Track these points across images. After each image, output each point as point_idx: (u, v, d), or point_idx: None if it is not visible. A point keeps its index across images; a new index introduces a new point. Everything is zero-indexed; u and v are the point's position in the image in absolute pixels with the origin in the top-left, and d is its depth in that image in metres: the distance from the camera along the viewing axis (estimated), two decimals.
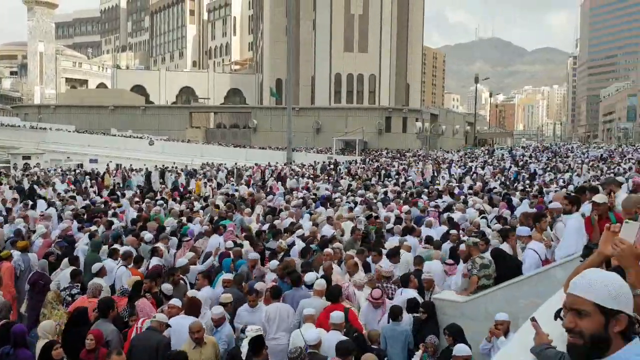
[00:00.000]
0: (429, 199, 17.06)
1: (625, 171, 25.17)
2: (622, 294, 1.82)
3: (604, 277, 1.87)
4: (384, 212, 14.59)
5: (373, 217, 13.47)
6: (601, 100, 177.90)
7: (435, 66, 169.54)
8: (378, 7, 72.36)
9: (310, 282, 7.78)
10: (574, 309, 1.87)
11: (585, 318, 1.84)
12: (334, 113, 66.99)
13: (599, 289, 1.82)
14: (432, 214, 13.45)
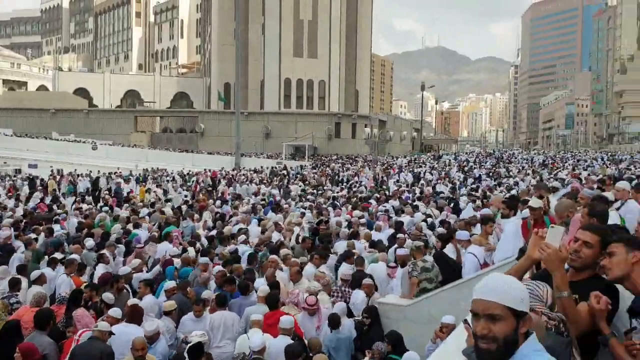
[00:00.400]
0: (378, 203, 17.27)
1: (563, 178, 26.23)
2: (526, 297, 1.91)
3: (510, 281, 1.93)
4: (333, 217, 14.65)
5: (323, 222, 13.51)
6: (541, 108, 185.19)
7: (383, 73, 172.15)
8: (327, 13, 72.97)
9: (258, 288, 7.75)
10: (488, 314, 1.89)
11: (499, 322, 1.86)
12: (284, 118, 66.83)
13: (509, 293, 1.86)
14: (382, 218, 13.60)
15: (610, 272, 2.78)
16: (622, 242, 2.81)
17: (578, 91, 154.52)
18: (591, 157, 48.84)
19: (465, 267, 7.75)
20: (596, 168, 31.97)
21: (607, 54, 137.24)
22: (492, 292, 1.89)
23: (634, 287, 2.74)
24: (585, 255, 2.87)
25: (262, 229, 13.23)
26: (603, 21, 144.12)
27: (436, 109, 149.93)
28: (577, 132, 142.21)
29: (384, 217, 13.70)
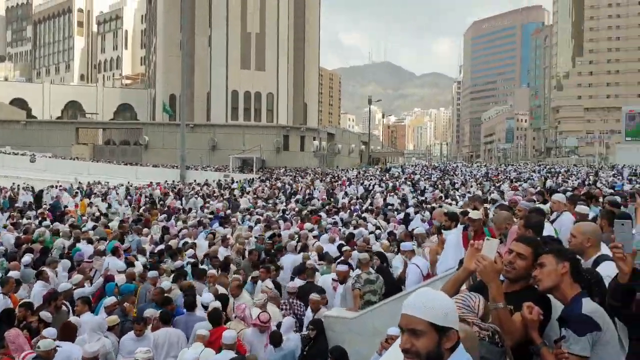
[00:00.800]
0: (328, 215, 17.35)
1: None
2: (450, 312, 1.90)
3: (435, 296, 1.92)
4: (283, 230, 14.63)
5: (276, 235, 13.45)
6: (482, 123, 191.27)
7: (331, 87, 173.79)
8: (275, 26, 73.14)
9: (207, 304, 7.58)
10: (410, 329, 1.90)
11: (421, 337, 1.87)
12: (231, 130, 66.29)
13: (432, 309, 1.86)
14: (333, 230, 13.62)
15: (541, 283, 2.84)
16: (552, 253, 2.88)
17: (517, 106, 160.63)
18: (530, 169, 50.75)
19: (408, 278, 7.85)
20: (535, 180, 33.23)
21: (544, 71, 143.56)
22: (415, 308, 1.89)
23: (564, 297, 2.82)
24: (519, 266, 2.93)
25: (209, 243, 13.05)
26: (540, 40, 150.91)
27: (383, 123, 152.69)
28: (517, 146, 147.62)
29: (334, 230, 13.73)
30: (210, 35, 72.52)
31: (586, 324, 2.61)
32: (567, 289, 2.82)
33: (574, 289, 2.83)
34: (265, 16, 72.85)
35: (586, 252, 3.87)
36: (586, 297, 2.77)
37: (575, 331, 2.61)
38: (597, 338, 2.61)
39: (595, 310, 2.69)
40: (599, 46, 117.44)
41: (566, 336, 2.65)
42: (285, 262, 10.76)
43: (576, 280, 2.85)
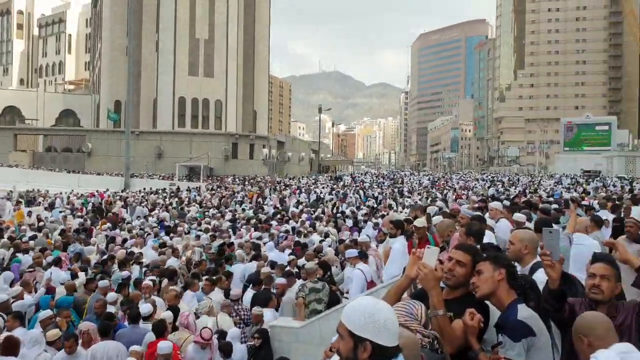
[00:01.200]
0: (279, 224, 17.31)
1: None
2: (371, 324, 1.93)
3: (362, 306, 1.98)
4: (235, 239, 14.56)
5: (226, 245, 13.33)
6: (429, 132, 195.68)
7: (281, 95, 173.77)
8: (224, 33, 72.49)
9: (145, 314, 7.34)
10: (338, 331, 2.01)
11: (342, 341, 1.98)
12: (178, 138, 65.23)
13: (352, 317, 1.95)
14: (290, 239, 13.72)
15: (479, 290, 2.90)
16: (488, 260, 2.95)
17: (462, 117, 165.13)
18: (473, 178, 52.21)
19: (352, 284, 7.92)
20: (479, 189, 34.19)
21: (488, 83, 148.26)
22: (344, 313, 2.01)
23: (500, 303, 2.88)
24: (458, 273, 2.98)
25: (159, 253, 12.86)
26: (484, 52, 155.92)
27: (333, 131, 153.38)
28: (461, 155, 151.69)
29: (291, 238, 13.82)
30: (158, 41, 71.19)
31: (521, 329, 2.67)
32: (503, 296, 2.88)
33: (510, 295, 2.89)
34: (214, 22, 72.12)
35: (523, 258, 3.98)
36: (521, 304, 2.84)
37: (511, 337, 2.67)
38: (532, 343, 2.67)
39: (529, 316, 2.75)
40: (539, 60, 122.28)
41: (503, 342, 2.70)
42: (234, 272, 10.63)
43: (512, 286, 2.92)
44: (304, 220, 18.20)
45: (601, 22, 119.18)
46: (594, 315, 2.74)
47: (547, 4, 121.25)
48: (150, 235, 15.95)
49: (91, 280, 9.33)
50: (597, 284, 3.12)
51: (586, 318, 2.71)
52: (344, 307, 2.05)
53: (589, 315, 2.74)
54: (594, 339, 2.55)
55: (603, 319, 2.67)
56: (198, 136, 65.99)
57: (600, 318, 2.70)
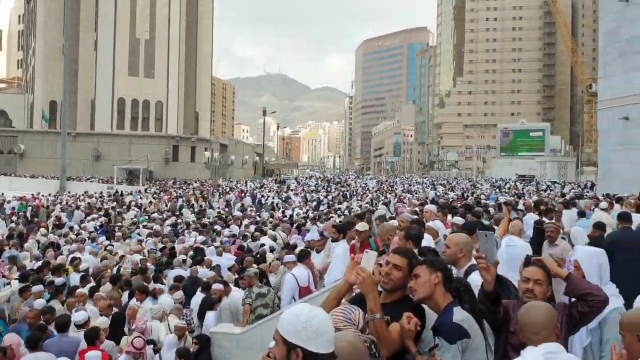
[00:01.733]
0: (223, 228, 17.27)
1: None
2: (303, 330, 1.92)
3: (297, 312, 1.97)
4: (177, 243, 14.47)
5: (167, 249, 13.22)
6: (373, 137, 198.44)
7: (224, 97, 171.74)
8: (165, 33, 70.99)
9: (79, 322, 7.04)
10: (274, 337, 2.00)
11: (276, 347, 1.98)
12: (117, 140, 63.38)
13: (286, 323, 1.95)
14: (237, 243, 13.71)
15: (416, 294, 2.93)
16: (425, 264, 2.99)
17: (404, 122, 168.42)
18: (415, 181, 53.33)
19: (284, 288, 7.96)
20: (420, 192, 34.92)
21: (429, 89, 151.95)
22: (279, 320, 2.00)
23: (437, 306, 2.93)
24: (395, 277, 3.00)
25: (101, 258, 12.66)
26: (425, 59, 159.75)
27: (278, 134, 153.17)
28: (403, 159, 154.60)
29: (238, 242, 13.84)
30: (97, 40, 68.93)
31: (457, 332, 2.72)
32: (439, 299, 2.92)
33: (446, 298, 2.94)
34: (155, 22, 70.52)
35: (459, 262, 4.07)
36: (457, 306, 2.89)
37: (446, 339, 2.72)
38: (467, 345, 2.72)
39: (465, 319, 2.81)
40: (477, 68, 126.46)
41: (439, 344, 2.74)
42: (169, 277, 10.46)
43: (448, 289, 2.97)
44: (248, 225, 18.13)
45: (536, 32, 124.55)
46: None
47: (485, 14, 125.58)
48: (88, 241, 15.53)
49: (27, 288, 8.89)
50: (530, 288, 3.22)
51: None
52: (282, 315, 2.04)
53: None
54: None
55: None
56: (138, 138, 64.31)
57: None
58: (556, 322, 2.74)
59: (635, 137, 23.92)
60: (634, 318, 2.74)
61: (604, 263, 4.16)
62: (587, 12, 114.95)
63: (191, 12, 75.89)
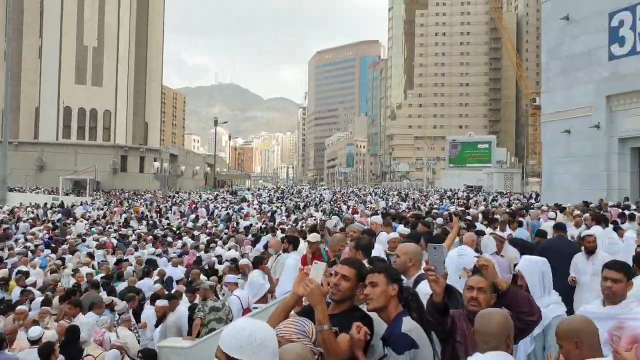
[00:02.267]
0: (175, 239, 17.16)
1: None
2: (247, 345, 1.88)
3: (239, 327, 1.93)
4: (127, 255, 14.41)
5: (123, 261, 13.09)
6: (326, 148, 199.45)
7: (175, 106, 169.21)
8: (114, 40, 69.31)
9: (34, 338, 6.74)
10: (216, 355, 1.95)
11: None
12: (62, 149, 61.46)
13: (229, 339, 1.90)
14: (192, 254, 13.85)
15: (372, 303, 2.93)
16: (383, 273, 2.98)
17: (357, 133, 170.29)
18: (369, 192, 53.89)
19: (233, 310, 7.96)
20: (373, 203, 35.28)
21: (380, 101, 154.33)
22: (221, 336, 1.95)
23: (388, 317, 2.93)
24: (343, 288, 2.98)
25: (51, 271, 12.30)
26: (377, 72, 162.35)
27: (230, 145, 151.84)
28: (356, 170, 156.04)
29: (193, 253, 13.97)
30: (41, 46, 66.70)
31: (405, 342, 2.72)
32: (392, 310, 2.93)
33: (398, 309, 2.95)
34: (104, 29, 68.82)
35: (408, 271, 4.10)
36: (406, 316, 2.90)
37: (395, 349, 2.72)
38: (415, 355, 2.73)
39: (413, 329, 2.82)
40: (427, 81, 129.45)
41: (387, 355, 2.74)
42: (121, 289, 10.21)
43: (400, 300, 2.99)
44: (198, 236, 18.01)
45: (483, 47, 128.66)
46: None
47: (434, 29, 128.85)
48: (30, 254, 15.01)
49: None
50: (474, 297, 3.28)
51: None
52: (222, 333, 1.97)
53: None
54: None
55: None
56: (84, 148, 62.53)
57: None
58: (510, 332, 2.77)
59: (576, 149, 24.95)
60: (568, 325, 2.79)
61: (546, 272, 4.28)
62: (531, 28, 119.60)
63: (141, 20, 74.54)
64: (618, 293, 3.58)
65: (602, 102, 23.61)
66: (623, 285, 3.57)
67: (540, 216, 13.78)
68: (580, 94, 24.81)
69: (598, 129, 23.58)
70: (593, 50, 24.43)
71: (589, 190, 23.36)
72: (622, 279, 3.57)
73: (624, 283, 3.57)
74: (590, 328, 2.72)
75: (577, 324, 2.79)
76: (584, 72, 24.84)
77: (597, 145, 23.83)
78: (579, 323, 2.79)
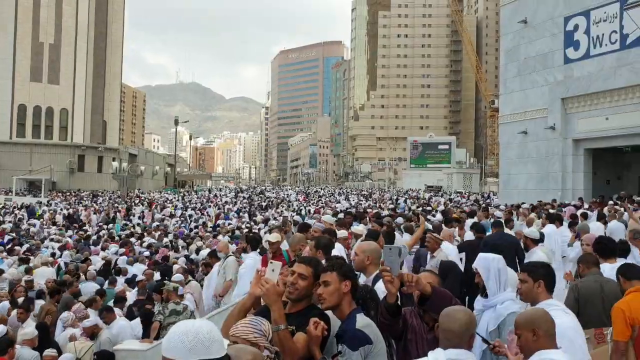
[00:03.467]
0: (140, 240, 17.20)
1: None
2: (199, 343, 1.79)
3: (181, 331, 1.82)
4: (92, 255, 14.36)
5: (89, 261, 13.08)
6: (289, 148, 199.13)
7: (135, 105, 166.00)
8: (72, 38, 67.39)
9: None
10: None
11: None
12: (16, 149, 59.56)
13: (175, 345, 1.79)
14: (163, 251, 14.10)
15: (325, 302, 2.94)
16: (335, 271, 2.98)
17: (320, 134, 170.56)
18: (330, 192, 54.09)
19: None
20: (335, 204, 35.41)
21: (344, 102, 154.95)
22: (164, 348, 1.81)
23: (342, 314, 2.94)
24: (300, 286, 2.98)
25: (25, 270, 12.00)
26: (340, 72, 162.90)
27: (191, 145, 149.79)
28: (319, 170, 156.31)
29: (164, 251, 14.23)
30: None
31: (359, 338, 2.74)
32: (346, 307, 2.95)
33: (352, 306, 2.97)
34: (61, 26, 66.83)
35: (367, 269, 4.13)
36: (360, 313, 2.92)
37: (349, 346, 2.74)
38: (369, 351, 2.76)
39: (367, 325, 2.84)
40: (390, 82, 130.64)
41: (341, 351, 2.75)
42: (85, 290, 9.95)
43: (353, 297, 3.00)
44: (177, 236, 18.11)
45: (443, 49, 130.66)
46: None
47: (396, 30, 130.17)
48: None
49: None
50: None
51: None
52: (164, 342, 1.83)
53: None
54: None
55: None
56: (40, 147, 60.73)
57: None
58: (473, 331, 2.82)
59: (532, 150, 25.64)
60: (528, 315, 2.89)
61: (502, 269, 4.37)
62: (491, 31, 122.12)
63: (100, 17, 72.73)
64: (525, 293, 3.67)
65: (558, 104, 24.33)
66: (529, 286, 3.65)
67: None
68: (536, 96, 25.51)
69: (553, 131, 24.28)
70: (549, 54, 25.16)
71: (544, 190, 24.05)
72: (527, 279, 3.67)
73: (529, 284, 3.65)
74: (548, 318, 2.81)
75: (535, 314, 2.88)
76: (539, 75, 25.55)
77: (552, 146, 24.54)
78: (538, 313, 2.88)
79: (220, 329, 2.95)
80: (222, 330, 2.95)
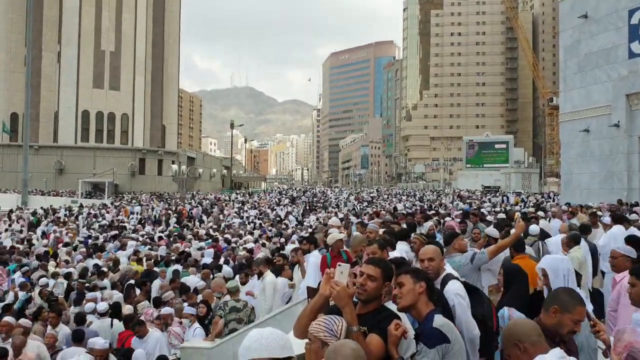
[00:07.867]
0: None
1: None
2: (287, 343, 1.96)
3: (269, 333, 1.98)
4: None
5: None
6: (340, 150, 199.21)
7: (192, 109, 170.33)
8: (131, 45, 69.88)
9: None
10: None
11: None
12: (81, 153, 62.19)
13: (268, 346, 1.93)
14: None
15: (401, 302, 2.97)
16: (409, 273, 3.04)
17: (371, 135, 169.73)
18: (388, 193, 53.76)
19: None
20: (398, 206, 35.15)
21: (396, 102, 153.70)
22: (254, 350, 1.94)
23: (419, 315, 2.97)
24: (370, 288, 3.00)
25: None
26: (392, 73, 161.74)
27: (246, 147, 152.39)
28: (371, 172, 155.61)
29: None
30: (60, 52, 67.55)
31: (436, 337, 2.76)
32: (422, 307, 2.97)
33: (429, 306, 2.99)
34: (121, 34, 69.46)
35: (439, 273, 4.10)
36: (439, 314, 2.94)
37: (426, 344, 2.76)
38: (447, 350, 2.76)
39: (444, 324, 2.85)
40: (443, 81, 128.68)
41: (420, 351, 2.78)
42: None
43: (430, 298, 3.02)
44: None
45: (498, 47, 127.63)
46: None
47: (449, 29, 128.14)
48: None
49: None
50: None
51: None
52: (248, 346, 1.98)
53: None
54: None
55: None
56: (103, 151, 63.20)
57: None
58: None
59: (595, 148, 24.66)
60: (507, 330, 2.73)
61: (571, 270, 4.26)
62: (547, 27, 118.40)
63: (157, 24, 75.12)
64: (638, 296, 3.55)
65: (622, 100, 23.29)
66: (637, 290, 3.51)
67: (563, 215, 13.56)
68: (599, 93, 24.52)
69: (617, 128, 23.26)
70: (612, 48, 24.12)
71: (608, 190, 23.09)
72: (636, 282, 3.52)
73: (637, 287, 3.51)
74: (529, 327, 2.65)
75: (513, 326, 2.72)
76: (602, 71, 24.55)
77: (617, 145, 23.50)
78: (516, 325, 2.72)
79: (293, 328, 3.05)
80: (294, 330, 3.03)
